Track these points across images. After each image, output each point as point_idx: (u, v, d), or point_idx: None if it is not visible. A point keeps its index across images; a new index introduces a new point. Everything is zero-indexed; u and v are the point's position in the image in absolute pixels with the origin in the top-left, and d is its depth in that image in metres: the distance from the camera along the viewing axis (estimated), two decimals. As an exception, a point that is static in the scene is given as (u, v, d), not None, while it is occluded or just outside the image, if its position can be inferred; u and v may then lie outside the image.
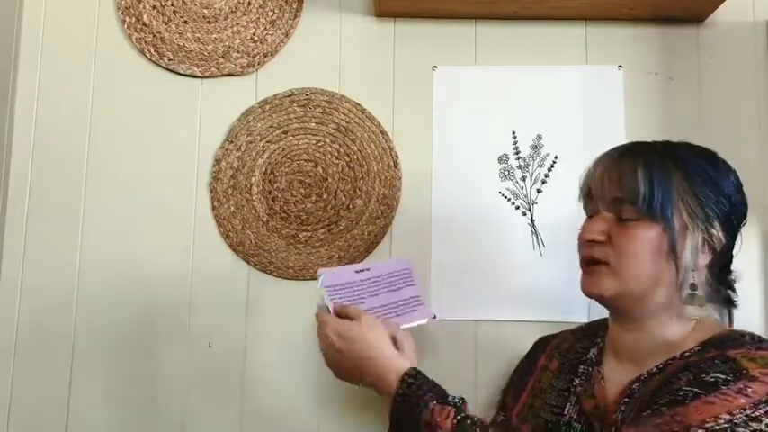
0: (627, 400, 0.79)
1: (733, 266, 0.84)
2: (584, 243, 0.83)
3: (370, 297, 0.98)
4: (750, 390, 0.67)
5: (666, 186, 0.78)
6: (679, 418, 0.67)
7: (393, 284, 0.99)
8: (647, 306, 0.80)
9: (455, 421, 0.75)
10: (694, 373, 0.71)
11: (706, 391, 0.68)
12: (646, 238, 0.78)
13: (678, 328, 0.81)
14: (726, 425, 0.65)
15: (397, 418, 0.80)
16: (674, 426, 0.67)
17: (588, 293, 0.83)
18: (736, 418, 0.65)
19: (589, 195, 0.85)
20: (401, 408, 0.79)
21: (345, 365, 0.87)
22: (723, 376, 0.69)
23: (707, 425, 0.66)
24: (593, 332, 0.93)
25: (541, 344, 1.02)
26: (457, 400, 0.79)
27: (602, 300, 0.83)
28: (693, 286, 0.78)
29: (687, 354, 0.77)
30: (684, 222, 0.78)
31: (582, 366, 0.89)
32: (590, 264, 0.82)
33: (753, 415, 0.65)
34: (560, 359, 0.94)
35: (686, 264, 0.78)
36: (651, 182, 0.78)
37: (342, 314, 0.89)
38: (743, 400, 0.66)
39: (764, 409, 0.65)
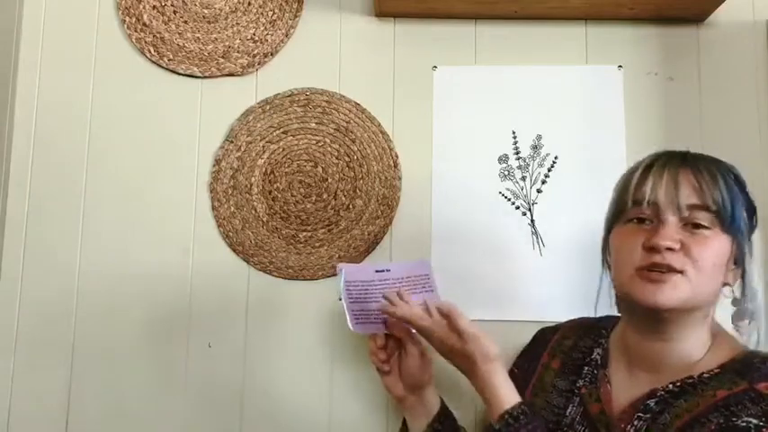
0: (641, 414, 0.78)
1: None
2: (655, 250, 0.78)
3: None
4: None
5: (738, 198, 0.78)
6: None
7: (411, 287, 0.98)
8: (697, 317, 0.79)
9: None
10: (725, 416, 0.71)
11: None
12: (721, 248, 0.77)
13: (700, 344, 0.80)
14: None
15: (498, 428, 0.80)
16: None
17: (654, 304, 0.77)
18: None
19: (651, 200, 0.80)
20: (507, 429, 0.79)
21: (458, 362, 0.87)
22: (755, 421, 0.68)
23: None
24: (596, 331, 0.93)
25: (542, 339, 1.01)
26: None
27: (664, 311, 0.78)
28: (737, 301, 0.81)
29: (706, 376, 0.77)
30: (744, 233, 0.79)
31: (586, 368, 0.89)
32: (662, 271, 0.77)
33: None
34: (562, 357, 0.94)
35: (751, 276, 0.79)
36: (731, 192, 0.78)
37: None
38: None
39: None
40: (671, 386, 0.78)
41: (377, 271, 0.98)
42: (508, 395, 0.83)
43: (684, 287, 0.76)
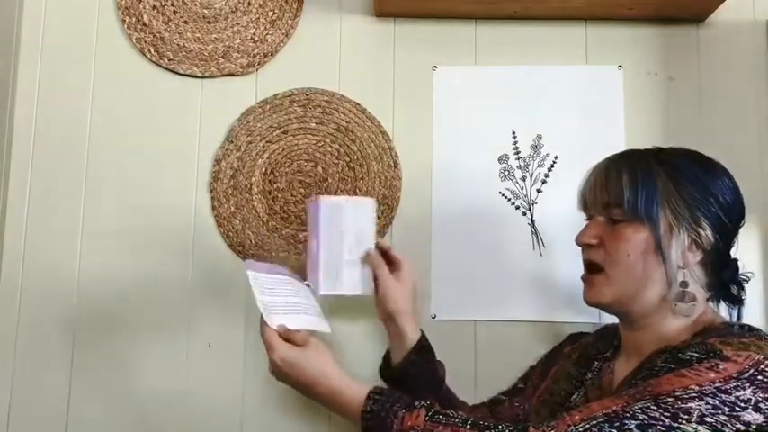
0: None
1: (740, 264, 0.87)
2: (581, 247, 0.89)
3: (288, 294, 0.96)
4: (721, 367, 0.70)
5: (651, 188, 0.82)
6: (650, 389, 0.71)
7: (304, 292, 0.98)
8: (641, 304, 0.84)
9: (426, 417, 0.76)
10: (672, 353, 0.75)
11: (678, 366, 0.72)
12: (634, 238, 0.82)
13: (677, 324, 0.83)
14: (694, 394, 0.68)
15: None
16: (645, 394, 0.71)
17: (589, 302, 0.88)
18: (705, 389, 0.68)
19: (584, 203, 0.90)
20: (370, 424, 0.79)
21: (298, 388, 0.87)
22: (697, 354, 0.72)
23: (676, 393, 0.69)
24: (614, 333, 0.97)
25: (572, 336, 1.06)
26: (425, 402, 0.80)
27: (602, 307, 0.87)
28: (684, 284, 0.82)
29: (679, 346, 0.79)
30: (670, 222, 0.81)
31: (596, 363, 0.93)
32: (589, 271, 0.88)
33: (723, 388, 0.68)
34: (581, 351, 0.98)
35: (673, 262, 0.81)
36: (635, 185, 0.82)
37: (287, 339, 0.87)
38: (713, 375, 0.69)
39: (734, 384, 0.68)
40: (648, 355, 0.81)
41: (278, 269, 0.97)
42: (359, 387, 0.83)
43: (606, 285, 0.85)
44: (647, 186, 0.82)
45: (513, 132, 1.21)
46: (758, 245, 1.17)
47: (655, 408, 0.69)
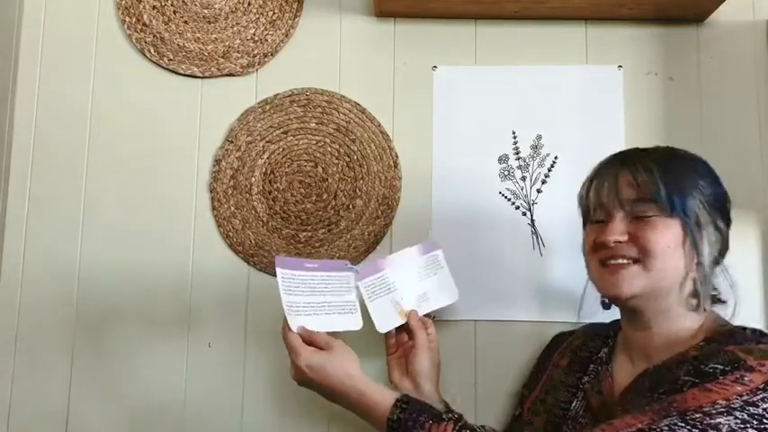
0: (634, 394, 0.80)
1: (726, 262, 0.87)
2: (606, 246, 0.83)
3: (311, 294, 0.96)
4: (747, 378, 0.69)
5: (680, 182, 0.81)
6: (676, 405, 0.70)
7: (333, 286, 0.98)
8: (665, 302, 0.82)
9: (454, 431, 0.77)
10: (693, 365, 0.73)
11: (703, 380, 0.70)
12: (670, 233, 0.80)
13: (687, 324, 0.82)
14: (722, 409, 0.67)
15: None
16: (671, 410, 0.69)
17: (615, 294, 0.83)
18: (733, 404, 0.67)
19: (598, 204, 0.86)
20: (403, 414, 0.79)
21: (323, 393, 0.87)
22: (721, 366, 0.71)
23: (704, 409, 0.68)
24: (605, 333, 0.96)
25: (557, 340, 1.05)
26: (453, 416, 0.80)
27: (625, 300, 0.83)
28: (708, 280, 0.82)
29: (693, 353, 0.78)
30: (698, 216, 0.80)
31: (592, 365, 0.91)
32: (619, 262, 0.82)
33: (750, 400, 0.67)
34: (571, 356, 0.97)
35: (705, 257, 0.80)
36: (667, 178, 0.80)
37: (310, 342, 0.87)
38: (739, 388, 0.68)
39: (761, 396, 0.67)
40: (660, 363, 0.81)
41: (307, 265, 0.97)
42: (386, 394, 0.83)
43: (641, 275, 0.81)
44: (678, 180, 0.81)
45: (513, 132, 1.21)
46: (758, 245, 1.17)
47: (683, 424, 0.68)
